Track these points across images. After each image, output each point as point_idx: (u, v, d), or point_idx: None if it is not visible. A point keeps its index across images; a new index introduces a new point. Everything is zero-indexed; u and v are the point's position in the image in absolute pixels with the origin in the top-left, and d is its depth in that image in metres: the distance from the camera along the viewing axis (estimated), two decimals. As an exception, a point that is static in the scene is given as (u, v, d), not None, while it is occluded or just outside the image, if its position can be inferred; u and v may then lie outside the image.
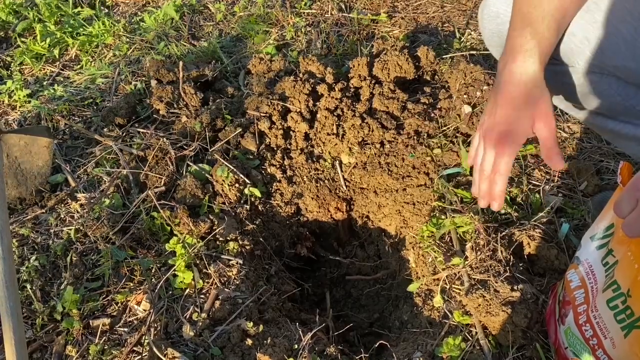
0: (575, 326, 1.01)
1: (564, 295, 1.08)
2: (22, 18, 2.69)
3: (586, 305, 0.99)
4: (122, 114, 1.97)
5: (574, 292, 1.04)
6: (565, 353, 1.07)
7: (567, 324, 1.05)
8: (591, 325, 0.97)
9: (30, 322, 1.41)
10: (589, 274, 1.00)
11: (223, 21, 2.53)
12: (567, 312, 1.05)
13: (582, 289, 1.02)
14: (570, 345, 1.04)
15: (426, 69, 1.92)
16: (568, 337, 1.05)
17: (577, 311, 1.02)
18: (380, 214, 1.75)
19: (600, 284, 0.95)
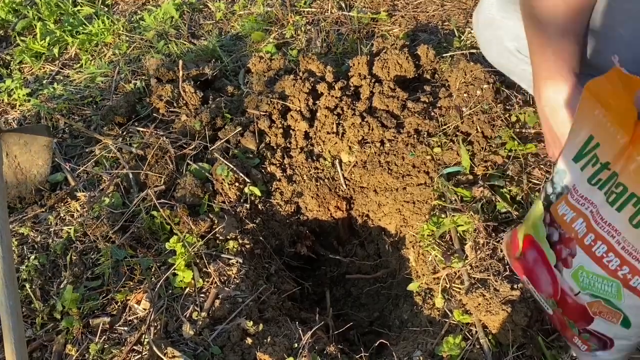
0: (593, 262, 0.88)
1: (561, 233, 0.93)
2: (21, 17, 2.69)
3: (593, 234, 0.87)
4: (121, 113, 1.97)
5: (573, 225, 0.90)
6: (577, 300, 0.93)
7: (576, 265, 0.91)
8: (616, 253, 0.84)
9: (30, 321, 1.41)
10: (580, 200, 0.89)
11: (223, 20, 2.52)
12: (573, 251, 0.91)
13: (580, 218, 0.89)
14: (587, 287, 0.90)
15: (426, 67, 1.91)
16: (581, 279, 0.90)
17: (585, 244, 0.88)
18: (380, 213, 1.75)
19: (601, 205, 0.85)
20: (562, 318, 0.99)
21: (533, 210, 1.02)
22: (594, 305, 0.91)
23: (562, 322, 1.01)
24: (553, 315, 1.03)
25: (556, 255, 0.95)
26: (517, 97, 1.76)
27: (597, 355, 0.98)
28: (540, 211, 0.98)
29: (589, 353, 0.98)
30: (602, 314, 0.91)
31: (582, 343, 0.98)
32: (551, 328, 1.28)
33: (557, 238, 0.95)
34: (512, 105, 1.73)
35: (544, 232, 0.98)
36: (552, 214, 0.95)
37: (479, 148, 1.63)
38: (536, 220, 0.99)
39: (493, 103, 1.70)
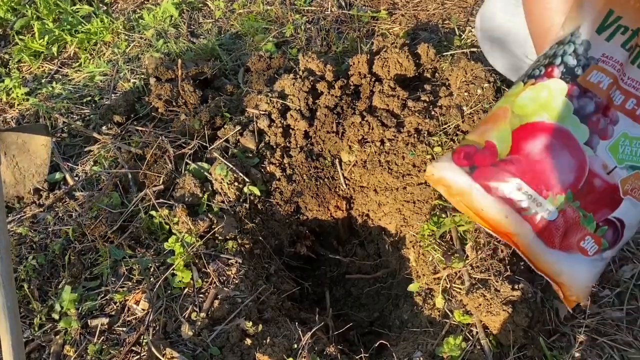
0: (637, 125, 0.88)
1: (597, 102, 0.90)
2: (20, 15, 2.68)
3: (634, 99, 0.88)
4: (120, 112, 1.96)
5: (609, 93, 0.90)
6: (609, 179, 0.89)
7: (617, 133, 0.89)
8: None
9: (28, 322, 1.40)
10: (619, 70, 0.90)
11: (222, 18, 2.51)
12: (614, 118, 0.90)
13: (616, 87, 0.89)
14: (627, 158, 0.88)
15: (426, 66, 1.90)
16: (621, 149, 0.89)
17: (627, 108, 0.88)
18: (380, 213, 1.74)
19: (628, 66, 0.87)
20: (573, 216, 0.91)
21: (537, 96, 0.94)
22: (628, 181, 0.89)
23: (570, 224, 0.91)
24: (554, 223, 0.92)
25: (590, 129, 0.90)
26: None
27: (603, 257, 0.93)
28: (560, 89, 0.92)
29: (597, 256, 0.92)
30: (634, 192, 0.89)
31: (594, 243, 0.91)
32: (553, 328, 1.28)
33: (592, 109, 0.91)
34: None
35: (569, 107, 0.91)
36: (583, 85, 0.92)
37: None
38: (552, 101, 0.92)
39: (494, 102, 1.69)
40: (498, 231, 0.95)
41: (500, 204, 0.93)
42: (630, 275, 1.36)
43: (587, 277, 0.93)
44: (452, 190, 0.97)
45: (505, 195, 0.93)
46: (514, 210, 0.93)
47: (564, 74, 0.93)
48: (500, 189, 0.93)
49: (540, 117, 0.93)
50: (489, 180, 0.94)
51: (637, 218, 0.92)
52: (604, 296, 1.34)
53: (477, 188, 0.94)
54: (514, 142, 0.94)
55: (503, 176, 0.93)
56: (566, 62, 0.94)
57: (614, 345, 1.24)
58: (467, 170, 0.96)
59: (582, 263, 0.93)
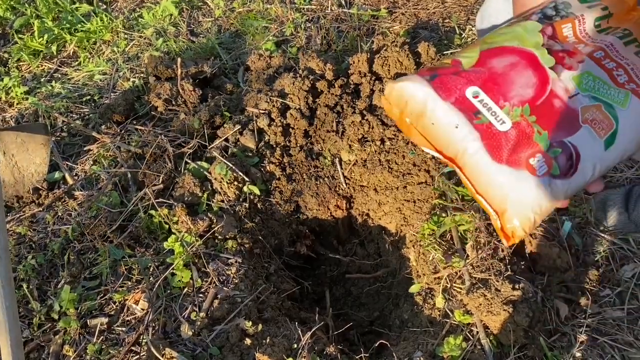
0: (601, 70, 0.91)
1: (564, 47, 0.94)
2: (19, 14, 2.68)
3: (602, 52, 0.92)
4: (120, 111, 1.96)
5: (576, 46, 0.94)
6: (570, 102, 0.91)
7: (581, 69, 0.92)
8: (625, 70, 0.90)
9: (27, 322, 1.40)
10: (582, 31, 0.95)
11: (222, 17, 2.50)
12: (580, 59, 0.93)
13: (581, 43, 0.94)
14: (590, 89, 0.91)
15: (427, 65, 1.90)
16: (585, 81, 0.91)
17: (595, 57, 0.92)
18: (380, 212, 1.74)
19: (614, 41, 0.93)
20: (527, 130, 0.89)
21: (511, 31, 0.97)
22: (589, 110, 0.89)
23: (522, 137, 0.89)
24: (505, 134, 0.90)
25: (556, 60, 0.92)
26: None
27: (552, 182, 0.89)
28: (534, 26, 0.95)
29: (545, 179, 0.88)
30: (593, 123, 0.89)
31: (544, 163, 0.88)
32: (553, 328, 1.27)
33: (559, 48, 0.93)
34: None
35: (540, 40, 0.94)
36: (556, 28, 0.95)
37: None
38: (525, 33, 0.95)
39: (494, 101, 1.68)
40: (443, 153, 0.93)
41: (453, 111, 0.90)
42: (631, 275, 1.35)
43: (531, 199, 0.88)
44: (406, 108, 0.95)
45: (460, 101, 0.91)
46: (466, 119, 0.90)
47: (540, 18, 0.97)
48: (456, 95, 0.91)
49: (510, 43, 0.95)
50: (447, 86, 0.92)
51: (593, 155, 0.90)
52: (605, 296, 1.33)
53: (434, 96, 0.92)
54: (481, 58, 0.95)
55: (462, 83, 0.92)
56: (545, 12, 0.98)
57: (614, 345, 1.23)
58: (428, 78, 0.94)
59: (528, 181, 0.88)
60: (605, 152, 0.90)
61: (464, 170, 0.92)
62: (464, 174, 0.92)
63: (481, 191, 0.91)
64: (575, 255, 1.41)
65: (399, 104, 0.97)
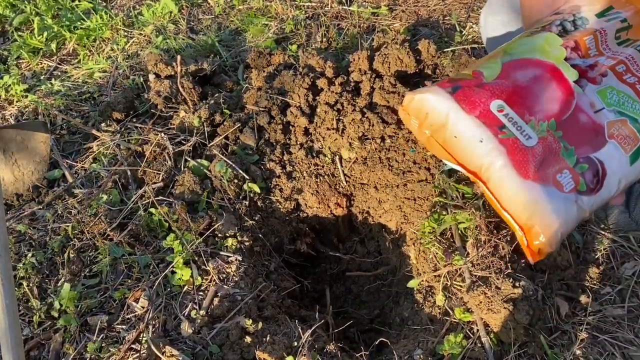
0: (624, 85, 0.91)
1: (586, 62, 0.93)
2: (19, 12, 2.67)
3: (624, 65, 0.93)
4: (119, 109, 1.95)
5: (597, 59, 0.94)
6: (595, 118, 0.89)
7: (605, 83, 0.91)
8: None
9: (27, 320, 1.40)
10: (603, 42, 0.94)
11: (222, 14, 2.50)
12: (604, 72, 0.92)
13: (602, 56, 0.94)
14: (615, 104, 0.89)
15: (427, 62, 1.89)
16: (609, 96, 0.90)
17: (617, 71, 0.92)
18: (380, 210, 1.74)
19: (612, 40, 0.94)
20: (554, 146, 0.87)
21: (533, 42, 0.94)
22: (615, 125, 0.87)
23: (549, 153, 0.87)
24: (532, 150, 0.87)
25: (579, 73, 0.90)
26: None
27: (579, 200, 0.87)
28: (556, 39, 0.93)
29: (572, 195, 0.86)
30: (619, 138, 0.87)
31: (571, 179, 0.86)
32: (554, 326, 1.27)
33: (581, 63, 0.92)
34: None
35: (562, 53, 0.92)
36: (578, 42, 0.93)
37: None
38: (547, 46, 0.93)
39: (495, 98, 1.68)
40: (466, 167, 0.90)
41: (477, 125, 0.88)
42: (631, 273, 1.35)
43: (558, 216, 0.86)
44: (426, 120, 0.92)
45: (485, 115, 0.88)
46: (491, 133, 0.87)
47: (561, 32, 0.96)
48: (481, 108, 0.88)
49: (533, 55, 0.92)
50: (470, 99, 0.89)
51: (619, 170, 0.88)
52: (605, 294, 1.33)
53: (457, 109, 0.89)
54: (503, 70, 0.91)
55: (486, 96, 0.89)
56: (564, 25, 0.96)
57: (615, 343, 1.23)
58: (450, 90, 0.91)
59: (555, 198, 0.85)
60: (631, 167, 0.88)
61: (488, 184, 0.89)
62: (488, 188, 0.89)
63: (506, 206, 0.87)
64: (576, 253, 1.41)
65: (419, 115, 0.94)
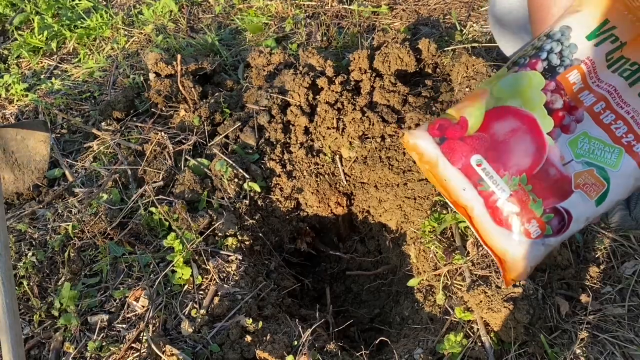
0: (598, 128, 0.95)
1: (566, 101, 0.98)
2: (19, 11, 2.67)
3: (604, 102, 0.95)
4: (120, 108, 1.95)
5: (579, 95, 0.97)
6: (563, 170, 0.96)
7: (579, 131, 0.96)
8: (624, 121, 0.94)
9: (28, 319, 1.40)
10: (590, 72, 0.97)
11: (222, 13, 2.50)
12: (579, 117, 0.96)
13: (587, 89, 0.97)
14: (584, 154, 0.95)
15: (427, 61, 1.89)
16: (580, 145, 0.95)
17: (594, 111, 0.96)
18: (380, 209, 1.74)
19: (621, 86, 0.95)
20: (524, 198, 0.97)
21: (517, 83, 1.01)
22: (582, 175, 0.95)
23: (520, 204, 0.97)
24: (506, 201, 0.98)
25: (554, 122, 0.97)
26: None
27: (545, 242, 0.98)
28: (538, 81, 1.00)
29: (539, 240, 0.98)
30: (585, 187, 0.95)
31: (538, 227, 0.97)
32: (554, 325, 1.27)
33: (560, 105, 0.98)
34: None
35: (542, 99, 0.98)
36: (560, 82, 0.99)
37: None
38: (529, 89, 1.00)
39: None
40: (456, 204, 1.02)
41: (461, 176, 1.00)
42: (631, 272, 1.35)
43: (527, 257, 0.98)
44: (423, 157, 1.04)
45: (466, 168, 1.00)
46: (471, 184, 0.99)
47: (545, 69, 1.00)
48: (463, 162, 1.00)
49: (514, 103, 1.00)
50: (454, 152, 1.01)
51: (584, 213, 0.96)
52: (606, 293, 1.33)
53: (443, 159, 1.01)
54: (485, 121, 1.01)
55: (467, 151, 1.00)
56: (550, 59, 1.00)
57: (615, 342, 1.23)
58: (438, 140, 1.02)
59: (524, 244, 0.98)
60: (597, 208, 0.96)
61: (473, 222, 1.02)
62: (473, 224, 1.02)
63: (486, 241, 1.01)
64: (576, 252, 1.41)
65: (417, 152, 1.07)
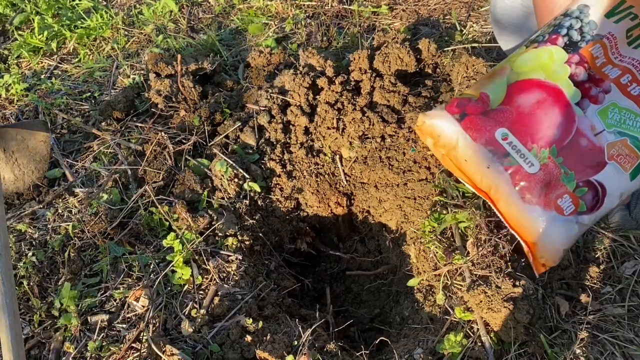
0: (627, 99, 0.93)
1: (591, 74, 0.95)
2: (19, 11, 2.67)
3: (630, 75, 0.93)
4: (120, 108, 1.95)
5: (603, 69, 0.95)
6: (595, 140, 0.93)
7: (607, 101, 0.94)
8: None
9: (28, 319, 1.40)
10: (612, 47, 0.95)
11: (222, 13, 2.50)
12: (606, 88, 0.94)
13: (609, 63, 0.95)
14: (615, 124, 0.93)
15: (427, 61, 1.89)
16: (610, 115, 0.93)
17: (621, 83, 0.94)
18: (381, 209, 1.74)
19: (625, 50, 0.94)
20: (555, 172, 0.93)
21: (538, 58, 0.97)
22: (615, 146, 0.92)
23: (551, 179, 0.93)
24: (534, 176, 0.94)
25: (582, 93, 0.94)
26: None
27: (579, 219, 0.94)
28: (560, 54, 0.96)
29: (572, 218, 0.93)
30: (619, 158, 0.91)
31: (571, 203, 0.93)
32: (554, 325, 1.27)
33: (585, 77, 0.95)
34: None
35: (566, 71, 0.95)
36: (583, 55, 0.95)
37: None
38: (552, 63, 0.96)
39: (495, 98, 1.68)
40: (477, 187, 0.96)
41: (484, 152, 0.94)
42: (631, 272, 1.35)
43: (560, 237, 0.93)
44: (439, 141, 0.98)
45: (491, 143, 0.94)
46: (496, 160, 0.94)
47: (566, 44, 0.97)
48: (487, 137, 0.95)
49: (537, 75, 0.96)
50: (477, 127, 0.95)
51: (619, 187, 0.92)
52: (605, 293, 1.33)
53: (464, 136, 0.96)
54: (508, 94, 0.96)
55: (491, 124, 0.95)
56: (570, 35, 0.98)
57: (615, 342, 1.23)
58: (457, 117, 0.97)
59: (556, 221, 0.93)
60: (632, 182, 0.93)
61: (497, 204, 0.96)
62: (497, 207, 0.96)
63: (513, 225, 0.95)
64: (576, 252, 1.41)
65: (432, 135, 1.01)
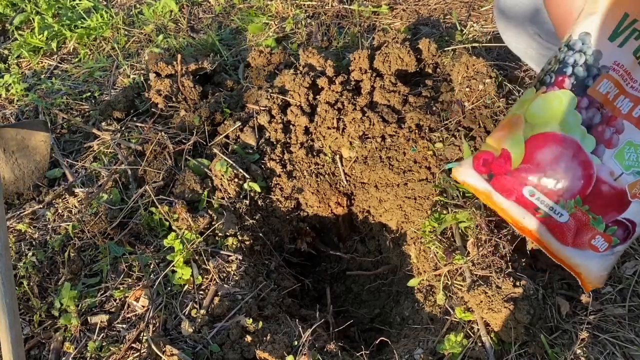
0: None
1: (604, 113, 0.96)
2: (19, 11, 2.67)
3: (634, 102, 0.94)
4: (120, 108, 1.95)
5: (615, 103, 0.96)
6: (616, 185, 0.96)
7: (622, 142, 0.96)
8: None
9: (28, 319, 1.40)
10: (624, 76, 0.95)
11: (222, 13, 2.50)
12: (619, 127, 0.96)
13: (622, 94, 0.95)
14: (633, 165, 0.95)
15: (428, 61, 1.89)
16: (627, 156, 0.96)
17: (634, 116, 0.95)
18: (381, 209, 1.74)
19: None
20: (583, 219, 0.98)
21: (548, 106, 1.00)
22: (636, 185, 0.95)
23: (581, 225, 0.99)
24: (566, 225, 1.00)
25: (596, 139, 0.96)
26: (520, 91, 1.73)
27: (614, 251, 0.99)
28: (570, 100, 0.98)
29: (607, 252, 0.99)
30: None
31: (604, 241, 0.99)
32: (554, 325, 1.27)
33: (598, 120, 0.97)
34: (515, 99, 1.71)
35: (578, 119, 0.97)
36: (592, 96, 0.97)
37: (482, 143, 1.61)
38: (562, 112, 0.99)
39: (495, 97, 1.68)
40: (518, 227, 1.04)
41: (517, 207, 1.02)
42: (632, 272, 1.35)
43: (600, 268, 1.00)
44: (477, 191, 1.08)
45: (521, 201, 1.02)
46: (530, 213, 1.01)
47: (574, 85, 0.98)
48: (516, 195, 1.02)
49: (551, 128, 0.99)
50: (505, 188, 1.03)
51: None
52: (606, 293, 1.33)
53: (496, 194, 1.04)
54: (527, 151, 1.01)
55: (517, 184, 1.02)
56: (577, 73, 0.98)
57: (615, 342, 1.23)
58: (486, 177, 1.05)
59: (594, 258, 1.00)
60: None
61: (540, 243, 1.03)
62: (541, 244, 1.03)
63: (557, 259, 1.03)
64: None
65: (469, 187, 1.09)
